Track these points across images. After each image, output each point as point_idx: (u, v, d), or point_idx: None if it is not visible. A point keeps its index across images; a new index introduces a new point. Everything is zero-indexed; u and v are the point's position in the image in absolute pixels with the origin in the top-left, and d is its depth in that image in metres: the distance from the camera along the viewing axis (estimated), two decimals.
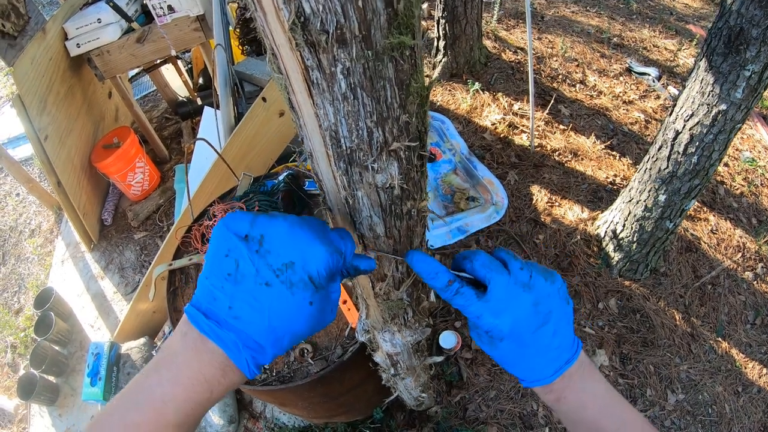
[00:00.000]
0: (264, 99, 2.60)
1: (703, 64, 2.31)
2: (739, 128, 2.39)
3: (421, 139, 0.55)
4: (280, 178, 1.85)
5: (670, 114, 2.59)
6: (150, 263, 3.54)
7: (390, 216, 0.64)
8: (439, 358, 1.39)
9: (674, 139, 2.56)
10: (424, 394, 1.92)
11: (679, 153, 2.56)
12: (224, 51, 2.80)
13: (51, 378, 3.16)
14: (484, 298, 0.68)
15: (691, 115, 2.43)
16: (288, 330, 0.60)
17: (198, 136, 3.35)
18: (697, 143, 2.46)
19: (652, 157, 2.76)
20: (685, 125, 2.48)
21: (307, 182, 1.93)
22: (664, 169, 2.67)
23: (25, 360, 3.49)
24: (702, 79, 2.33)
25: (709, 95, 2.32)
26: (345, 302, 1.60)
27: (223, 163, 2.42)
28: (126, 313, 2.90)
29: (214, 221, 1.75)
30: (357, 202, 0.61)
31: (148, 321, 3.03)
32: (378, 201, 0.60)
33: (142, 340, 2.91)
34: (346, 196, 0.60)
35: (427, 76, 4.60)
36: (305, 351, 1.54)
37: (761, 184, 3.95)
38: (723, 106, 2.29)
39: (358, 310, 1.57)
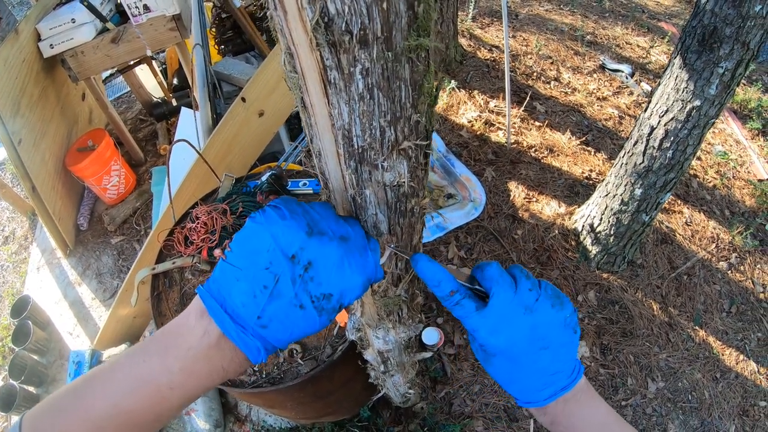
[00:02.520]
0: (243, 99, 2.58)
1: (677, 61, 2.36)
2: (713, 123, 2.45)
3: (428, 138, 0.56)
4: (263, 178, 1.84)
5: (645, 110, 2.65)
6: (128, 268, 3.49)
7: (395, 213, 0.65)
8: (428, 354, 1.40)
9: (649, 134, 2.61)
10: (411, 391, 1.93)
11: (654, 148, 2.62)
12: (202, 51, 2.77)
13: (31, 389, 3.10)
14: (483, 312, 0.68)
15: (666, 111, 2.48)
16: (301, 337, 0.61)
17: (175, 138, 3.31)
18: (672, 138, 2.52)
19: (628, 152, 2.81)
20: (660, 121, 2.53)
21: (290, 182, 1.92)
22: (640, 164, 2.72)
23: (3, 371, 3.41)
24: (676, 76, 2.38)
25: (683, 92, 2.37)
26: None
27: (203, 165, 2.40)
28: (106, 320, 2.85)
29: (198, 223, 1.74)
30: (364, 200, 0.61)
31: (128, 327, 2.98)
32: (385, 199, 0.61)
33: (123, 347, 2.88)
34: (353, 194, 0.61)
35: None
36: (295, 351, 1.54)
37: (733, 177, 4.05)
38: (697, 102, 2.35)
39: (348, 309, 1.57)
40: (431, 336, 2.69)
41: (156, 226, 2.55)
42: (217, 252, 1.66)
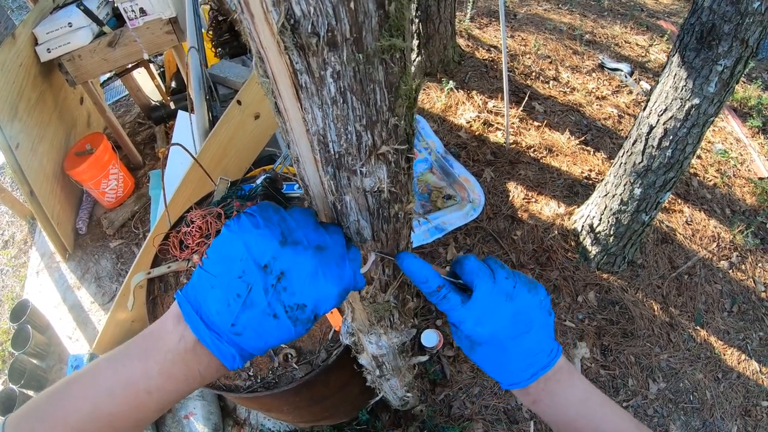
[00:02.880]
0: (239, 102, 2.57)
1: (676, 59, 2.35)
2: (712, 122, 2.43)
3: (408, 142, 0.55)
4: (258, 182, 1.83)
5: (644, 109, 2.63)
6: (127, 271, 3.48)
7: (378, 219, 0.64)
8: (424, 358, 1.39)
9: (648, 133, 2.59)
10: (409, 394, 1.92)
11: (653, 147, 2.60)
12: (198, 54, 2.76)
13: (31, 393, 3.08)
14: (468, 304, 0.70)
15: (665, 110, 2.47)
16: (278, 345, 0.61)
17: (172, 141, 3.31)
18: (671, 137, 2.50)
19: (627, 151, 2.79)
20: (659, 120, 2.51)
21: (285, 185, 1.92)
22: (639, 163, 2.71)
23: (3, 375, 3.41)
24: (675, 75, 2.37)
25: (682, 90, 2.35)
26: None
27: (199, 168, 2.39)
28: (104, 324, 2.85)
29: (192, 228, 1.73)
30: (344, 206, 0.60)
31: (127, 331, 2.98)
32: (366, 205, 0.60)
33: (120, 348, 2.86)
34: (333, 201, 0.60)
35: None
36: (289, 356, 1.53)
37: (733, 175, 4.03)
38: (696, 101, 2.33)
39: (341, 313, 1.56)
40: (430, 338, 2.68)
41: (152, 231, 2.55)
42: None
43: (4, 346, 3.54)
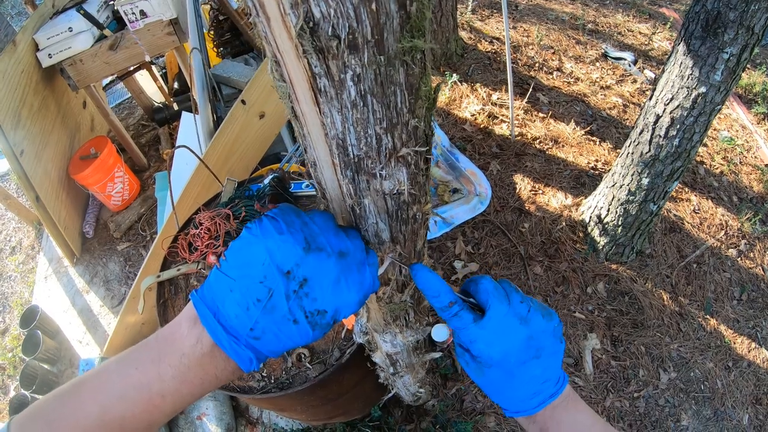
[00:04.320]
0: (243, 101, 2.56)
1: (681, 48, 2.33)
2: (719, 109, 2.41)
3: (427, 143, 0.54)
4: (265, 181, 1.82)
5: (650, 98, 2.62)
6: (135, 274, 3.49)
7: (396, 221, 0.63)
8: (438, 354, 1.39)
9: (655, 123, 2.58)
10: (421, 390, 1.92)
11: (660, 136, 2.59)
12: (200, 54, 2.76)
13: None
14: (481, 323, 0.69)
15: (671, 99, 2.45)
16: (294, 348, 0.62)
17: (177, 142, 3.31)
18: (678, 126, 2.49)
19: (634, 141, 2.78)
20: (665, 109, 2.50)
21: (292, 184, 1.91)
22: (646, 153, 2.69)
23: (14, 381, 3.42)
24: (681, 63, 2.35)
25: (688, 78, 2.34)
26: None
27: (205, 169, 2.39)
28: (114, 327, 2.86)
29: (201, 229, 1.72)
30: (363, 209, 0.59)
31: (137, 334, 2.98)
32: (385, 207, 0.59)
33: (130, 351, 2.86)
34: (352, 204, 0.59)
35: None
36: (302, 356, 1.53)
37: (740, 162, 4.01)
38: (702, 89, 2.31)
39: (356, 313, 1.56)
40: (441, 333, 2.67)
41: (160, 234, 2.55)
42: (212, 259, 1.65)
43: (15, 352, 3.55)
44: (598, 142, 3.95)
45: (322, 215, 0.60)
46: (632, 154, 2.80)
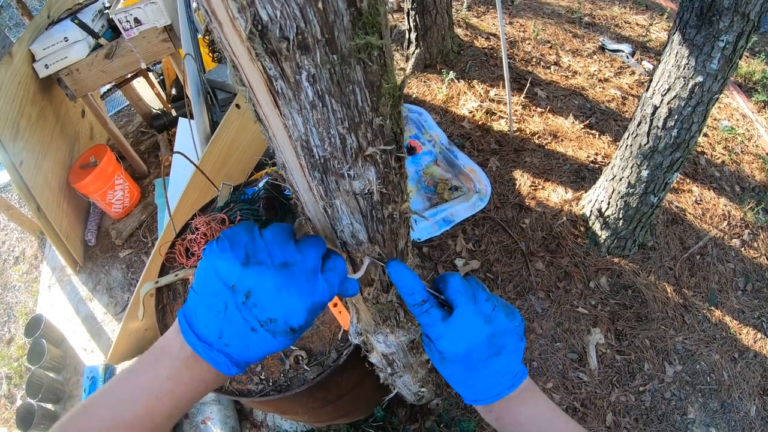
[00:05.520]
0: (238, 106, 2.57)
1: (676, 37, 2.32)
2: (717, 99, 2.40)
3: (397, 141, 0.54)
4: (260, 185, 1.83)
5: (647, 89, 2.60)
6: (137, 281, 3.50)
7: (372, 221, 0.63)
8: None
9: (653, 114, 2.57)
10: (423, 389, 1.91)
11: (658, 127, 2.57)
12: (194, 60, 2.76)
13: (49, 406, 3.11)
14: (448, 322, 0.73)
15: (668, 89, 2.44)
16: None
17: (174, 148, 3.31)
18: (676, 116, 2.48)
19: (632, 133, 2.77)
20: (662, 99, 2.49)
21: (287, 188, 1.91)
22: (645, 145, 2.68)
23: (21, 390, 3.44)
24: (677, 53, 2.34)
25: (684, 68, 2.33)
26: (336, 305, 1.59)
27: (201, 176, 2.39)
28: (118, 334, 2.86)
29: (197, 234, 1.73)
30: (336, 210, 0.59)
31: (140, 339, 2.99)
32: (357, 208, 0.59)
33: (136, 360, 2.87)
34: (324, 205, 0.59)
35: (401, 69, 4.58)
36: (300, 358, 1.53)
37: (741, 152, 3.99)
38: (699, 78, 2.30)
39: (348, 311, 1.56)
40: None
41: (159, 240, 2.56)
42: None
43: (21, 362, 3.57)
44: (597, 136, 3.94)
45: (275, 230, 0.64)
46: (631, 146, 2.79)
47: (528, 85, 4.29)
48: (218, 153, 2.59)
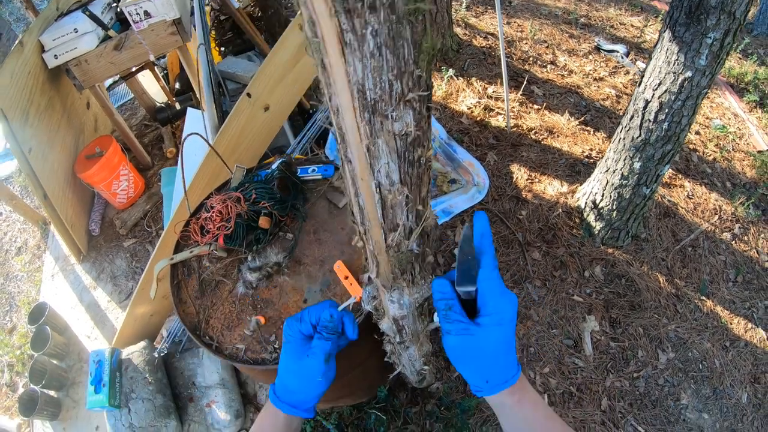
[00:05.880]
0: (249, 95, 2.64)
1: (667, 35, 2.42)
2: (706, 93, 2.50)
3: (428, 90, 0.64)
4: (274, 166, 1.90)
5: (639, 84, 2.70)
6: (142, 269, 3.55)
7: (404, 163, 0.72)
8: (436, 325, 1.46)
9: (644, 108, 2.67)
10: (426, 367, 1.98)
11: (650, 121, 2.67)
12: (207, 50, 2.83)
13: (52, 393, 3.15)
14: (472, 330, 0.86)
15: (659, 84, 2.54)
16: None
17: (182, 138, 3.37)
18: (667, 110, 2.58)
19: (625, 126, 2.86)
20: (653, 94, 2.59)
21: (299, 169, 1.99)
22: (637, 138, 2.78)
23: (23, 378, 3.47)
24: (667, 49, 2.44)
25: (674, 64, 2.43)
26: (347, 278, 1.66)
27: (213, 160, 2.47)
28: (124, 319, 2.91)
29: (213, 212, 1.80)
30: (377, 149, 0.69)
31: (146, 324, 3.04)
32: (395, 148, 0.69)
33: (142, 344, 2.92)
34: (367, 144, 0.68)
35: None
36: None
37: (732, 149, 4.09)
38: (688, 74, 2.40)
39: (360, 285, 1.63)
40: None
41: (172, 218, 2.61)
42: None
43: (24, 350, 3.60)
44: (592, 132, 4.04)
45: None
46: (624, 139, 2.89)
47: (525, 83, 4.39)
48: (228, 140, 2.66)
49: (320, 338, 1.05)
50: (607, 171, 3.09)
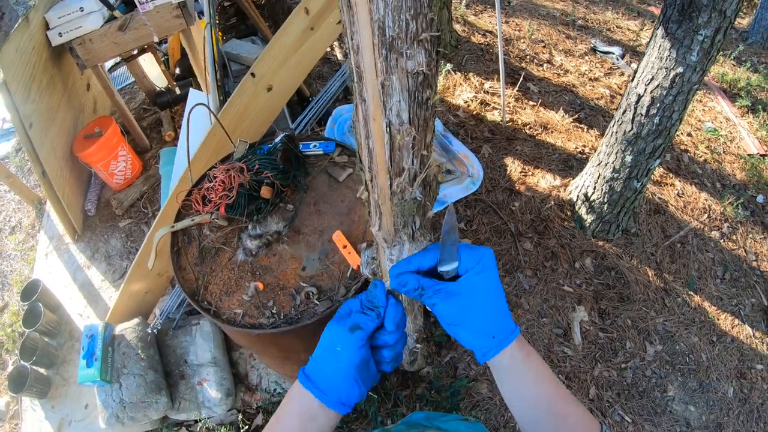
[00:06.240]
0: (253, 74, 2.69)
1: (660, 32, 2.50)
2: (697, 89, 2.58)
3: (439, 32, 0.71)
4: (277, 139, 1.94)
5: (632, 80, 2.78)
6: (137, 249, 3.56)
7: (414, 102, 0.77)
8: None
9: (637, 102, 2.74)
10: (418, 345, 2.02)
11: (642, 115, 2.74)
12: (214, 29, 2.87)
13: (42, 370, 3.14)
14: (454, 290, 0.88)
15: (651, 79, 2.61)
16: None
17: (184, 118, 3.39)
18: (658, 105, 2.65)
19: (618, 120, 2.93)
20: (646, 89, 2.66)
21: (301, 145, 2.03)
22: (629, 131, 2.85)
23: (12, 356, 3.46)
24: (660, 46, 2.52)
25: (666, 59, 2.50)
26: (345, 247, 1.71)
27: (216, 136, 2.50)
28: (118, 295, 2.92)
29: (215, 182, 1.84)
30: (390, 87, 0.74)
31: (140, 302, 3.06)
32: (407, 86, 0.74)
33: (135, 321, 2.92)
34: (382, 81, 0.73)
35: None
36: (311, 294, 1.64)
37: (724, 152, 4.17)
38: (680, 69, 2.47)
39: (358, 254, 1.68)
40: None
41: (174, 188, 2.63)
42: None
43: (15, 327, 3.59)
44: (585, 129, 4.11)
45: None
46: (616, 133, 2.95)
47: (521, 80, 4.45)
48: (231, 118, 2.70)
49: (358, 311, 0.95)
50: (599, 164, 3.15)
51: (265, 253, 1.79)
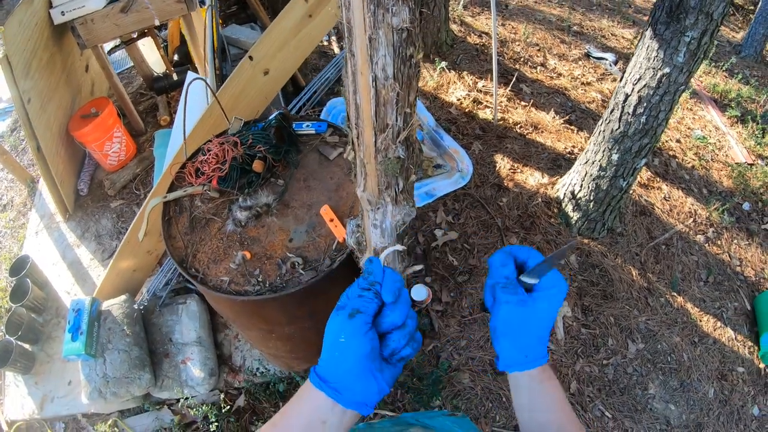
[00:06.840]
0: (251, 57, 2.73)
1: (648, 33, 2.57)
2: (683, 90, 2.64)
3: None
4: (271, 117, 1.99)
5: (621, 79, 2.84)
6: (127, 229, 3.58)
7: (398, 58, 0.82)
8: (419, 267, 1.53)
9: (624, 101, 2.81)
10: None
11: (629, 114, 2.81)
12: (215, 11, 2.91)
13: (26, 346, 3.15)
14: (527, 302, 0.92)
15: (639, 79, 2.68)
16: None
17: (180, 101, 3.42)
18: (645, 104, 2.71)
19: (606, 119, 3.00)
20: (633, 88, 2.73)
21: (294, 124, 2.07)
22: (616, 130, 2.91)
23: None
24: (648, 46, 2.59)
25: (654, 60, 2.57)
26: (332, 220, 1.75)
27: (212, 115, 2.54)
28: (106, 272, 2.94)
29: (209, 155, 1.88)
30: (377, 41, 0.79)
31: (128, 279, 3.07)
32: (392, 41, 0.79)
33: (122, 297, 2.93)
34: (370, 35, 0.79)
35: None
36: (296, 264, 1.68)
37: (712, 159, 4.25)
38: (667, 69, 2.54)
39: (344, 227, 1.72)
40: (420, 292, 2.80)
41: (169, 162, 2.66)
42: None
43: (2, 303, 3.59)
44: (575, 131, 4.18)
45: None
46: (604, 131, 3.01)
47: (514, 80, 4.52)
48: (227, 100, 2.74)
49: (355, 297, 0.88)
50: (586, 162, 3.21)
51: (254, 225, 1.83)
